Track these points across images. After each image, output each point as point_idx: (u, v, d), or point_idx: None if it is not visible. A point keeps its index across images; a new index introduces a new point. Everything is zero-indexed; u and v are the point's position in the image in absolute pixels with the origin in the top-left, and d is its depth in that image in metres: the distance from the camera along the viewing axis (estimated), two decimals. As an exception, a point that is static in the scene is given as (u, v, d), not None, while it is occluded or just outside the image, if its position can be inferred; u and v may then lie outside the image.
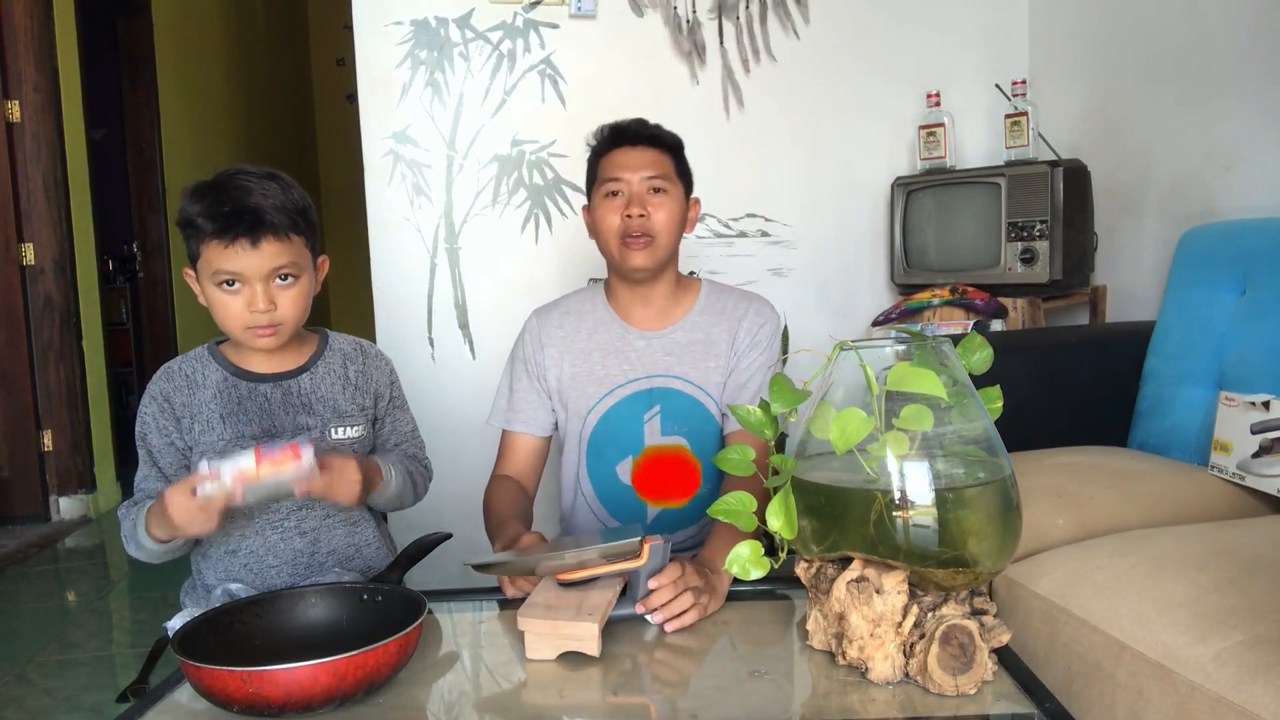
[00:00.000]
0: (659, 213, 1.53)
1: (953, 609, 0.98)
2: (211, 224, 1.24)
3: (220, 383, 1.35)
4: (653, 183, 1.54)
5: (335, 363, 1.41)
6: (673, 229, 1.56)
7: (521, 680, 1.07)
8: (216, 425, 1.33)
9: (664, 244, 1.55)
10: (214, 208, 1.24)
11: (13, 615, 2.70)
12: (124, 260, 4.80)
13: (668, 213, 1.54)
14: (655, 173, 1.54)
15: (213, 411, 1.33)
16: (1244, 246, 1.76)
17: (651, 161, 1.55)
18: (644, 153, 1.56)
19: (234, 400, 1.34)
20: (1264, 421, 1.49)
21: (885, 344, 1.03)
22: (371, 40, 2.56)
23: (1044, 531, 1.44)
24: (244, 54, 5.87)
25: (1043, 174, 2.28)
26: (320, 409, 1.38)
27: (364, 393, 1.43)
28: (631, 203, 1.53)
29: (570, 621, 1.05)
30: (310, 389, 1.38)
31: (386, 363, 1.48)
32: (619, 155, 1.56)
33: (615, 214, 1.54)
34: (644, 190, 1.54)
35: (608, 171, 1.56)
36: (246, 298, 1.27)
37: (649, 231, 1.53)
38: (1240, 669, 1.00)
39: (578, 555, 1.12)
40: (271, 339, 1.31)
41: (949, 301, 2.39)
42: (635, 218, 1.52)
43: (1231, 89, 2.06)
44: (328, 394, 1.39)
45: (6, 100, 3.47)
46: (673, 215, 1.55)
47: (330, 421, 1.38)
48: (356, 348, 1.45)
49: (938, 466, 0.96)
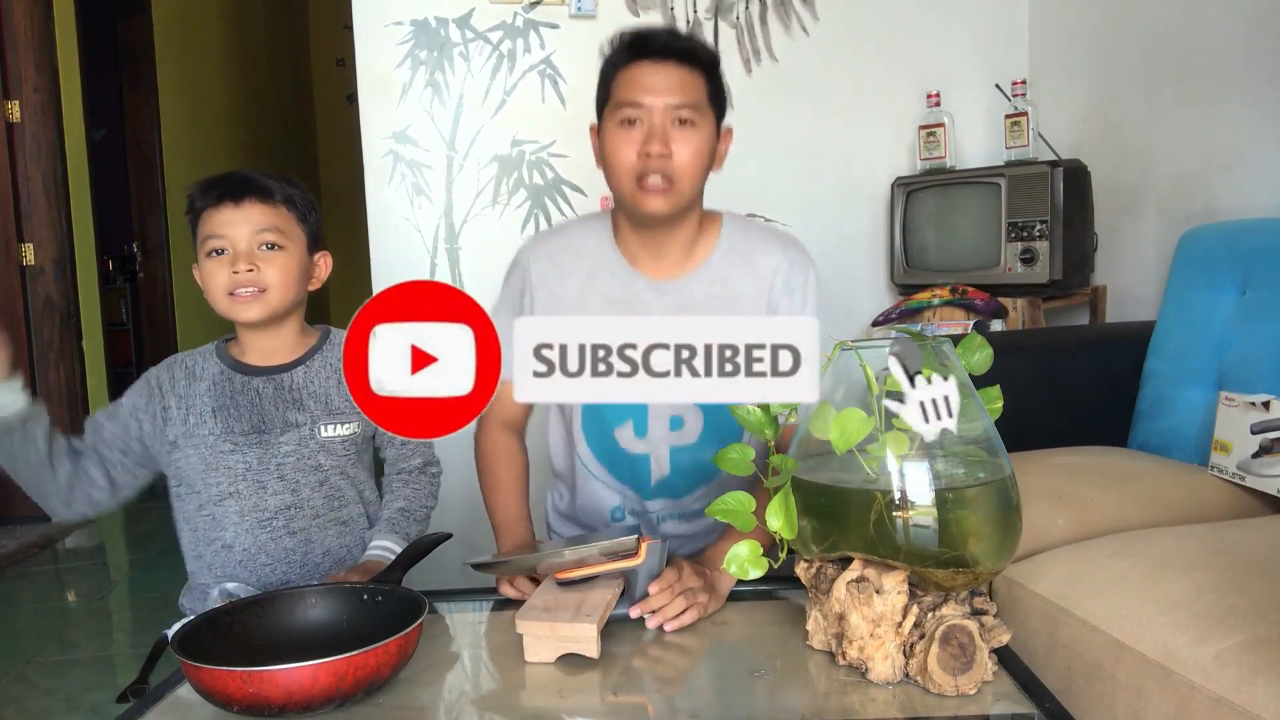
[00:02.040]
0: (685, 149, 1.27)
1: (953, 609, 0.98)
2: (205, 196, 1.29)
3: (216, 375, 1.35)
4: (680, 113, 1.27)
5: (333, 356, 1.39)
6: (699, 170, 1.30)
7: (521, 680, 1.07)
8: (209, 419, 1.33)
9: (687, 188, 1.29)
10: (210, 182, 1.30)
11: (13, 615, 2.70)
12: (124, 260, 4.80)
13: (695, 150, 1.28)
14: (684, 100, 1.27)
15: (205, 405, 1.33)
16: (1244, 247, 1.76)
17: (681, 84, 1.27)
18: (672, 72, 1.27)
19: (227, 394, 1.34)
20: (1264, 421, 1.49)
21: (885, 344, 1.03)
22: (371, 40, 2.56)
23: (1044, 531, 1.44)
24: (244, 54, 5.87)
25: (1043, 174, 2.28)
26: (311, 404, 1.35)
27: None
28: (652, 137, 1.26)
29: (569, 623, 1.05)
30: (303, 383, 1.36)
31: None
32: (641, 73, 1.28)
33: (631, 148, 1.28)
34: (668, 121, 1.27)
35: (626, 92, 1.28)
36: (229, 261, 1.28)
37: (670, 174, 1.27)
38: (1240, 669, 1.00)
39: (577, 554, 1.12)
40: (254, 308, 1.29)
41: (949, 302, 2.39)
42: (656, 157, 1.26)
43: (1231, 89, 2.06)
44: (320, 388, 1.37)
45: (6, 100, 3.47)
46: (700, 153, 1.29)
47: (320, 419, 1.35)
48: None
49: (938, 467, 0.96)
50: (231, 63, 5.68)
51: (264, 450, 1.33)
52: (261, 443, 1.33)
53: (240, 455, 1.32)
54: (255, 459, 1.32)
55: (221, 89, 5.50)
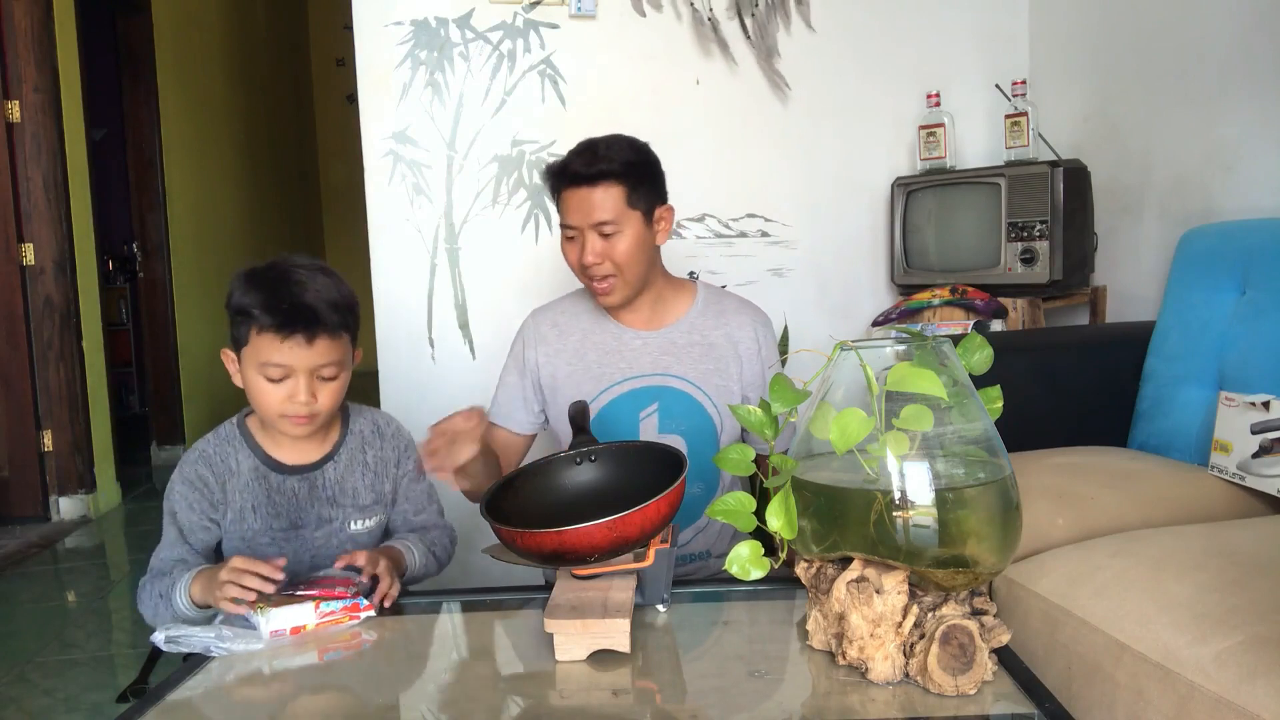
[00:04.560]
0: (615, 250, 1.51)
1: (953, 609, 0.98)
2: (270, 318, 1.26)
3: (251, 471, 1.37)
4: (602, 228, 1.51)
5: (356, 448, 1.43)
6: (635, 260, 1.53)
7: (521, 680, 1.08)
8: (248, 516, 1.36)
9: (630, 275, 1.54)
10: (272, 302, 1.26)
11: (12, 615, 2.70)
12: (124, 260, 4.80)
13: (625, 248, 1.52)
14: (603, 217, 1.50)
15: (244, 502, 1.36)
16: (1244, 247, 1.76)
17: (598, 203, 1.50)
18: (589, 193, 1.50)
19: (263, 492, 1.37)
20: (1264, 421, 1.49)
21: (885, 344, 1.03)
22: (371, 40, 2.56)
23: (1044, 531, 1.44)
24: (244, 54, 5.87)
25: (1043, 174, 2.28)
26: (343, 501, 1.41)
27: (382, 478, 1.45)
28: (586, 250, 1.52)
29: (600, 619, 1.06)
30: (335, 480, 1.41)
31: (405, 436, 1.49)
32: (568, 196, 1.53)
33: (574, 254, 1.54)
34: (595, 234, 1.51)
35: (562, 214, 1.55)
36: (289, 389, 1.29)
37: (609, 272, 1.52)
38: (1240, 669, 1.00)
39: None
40: (305, 428, 1.33)
41: (949, 302, 2.39)
42: (592, 264, 1.51)
43: (1231, 89, 2.06)
44: (350, 485, 1.42)
45: (6, 100, 3.47)
46: (631, 249, 1.52)
47: (351, 515, 1.41)
48: (374, 430, 1.46)
49: (938, 467, 0.96)
50: (231, 63, 5.67)
51: (299, 543, 1.38)
52: (298, 537, 1.38)
53: (276, 548, 1.36)
54: (291, 551, 1.37)
55: (221, 89, 5.50)
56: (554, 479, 1.31)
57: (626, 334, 1.62)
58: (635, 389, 1.59)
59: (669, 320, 1.63)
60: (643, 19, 2.63)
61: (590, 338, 1.63)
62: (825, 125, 2.75)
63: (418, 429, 1.62)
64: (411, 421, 1.54)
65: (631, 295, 1.57)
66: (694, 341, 1.61)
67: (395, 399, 2.57)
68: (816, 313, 2.74)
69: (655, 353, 1.61)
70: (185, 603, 1.26)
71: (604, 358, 1.61)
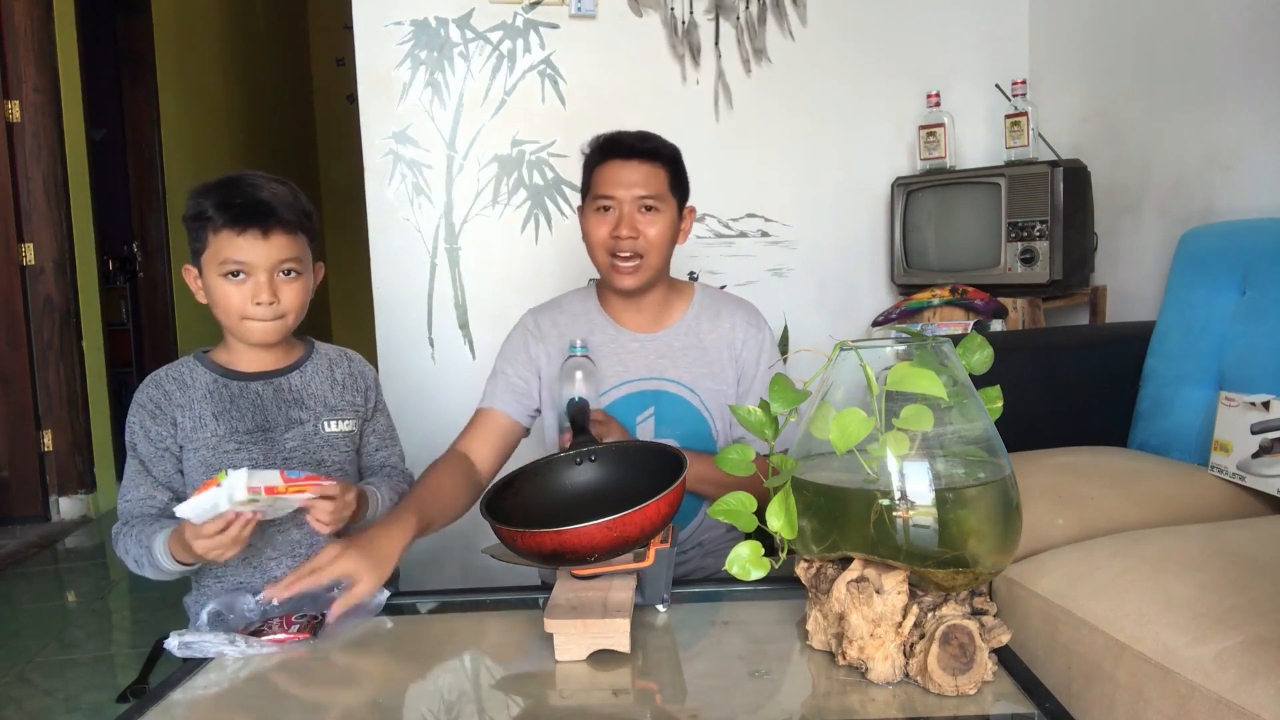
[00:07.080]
0: (650, 229, 1.52)
1: (953, 609, 0.98)
2: (224, 214, 1.28)
3: (210, 384, 1.37)
4: (645, 201, 1.52)
5: (322, 364, 1.45)
6: (663, 246, 1.54)
7: (520, 680, 1.08)
8: (209, 423, 1.34)
9: (654, 262, 1.54)
10: (227, 199, 1.29)
11: (13, 615, 2.70)
12: (124, 260, 4.79)
13: (659, 230, 1.52)
14: (648, 191, 1.52)
15: (204, 410, 1.35)
16: (1244, 247, 1.76)
17: (645, 178, 1.52)
18: (638, 168, 1.52)
19: (225, 399, 1.36)
20: (1264, 421, 1.49)
21: (885, 344, 1.03)
22: (371, 40, 2.56)
23: (1044, 531, 1.44)
24: (244, 54, 5.87)
25: (1043, 174, 2.28)
26: (312, 404, 1.41)
27: (353, 391, 1.46)
28: (622, 222, 1.51)
29: (600, 619, 1.06)
30: (300, 385, 1.41)
31: (370, 368, 1.52)
32: (612, 170, 1.53)
33: (604, 229, 1.53)
34: (635, 209, 1.51)
35: (600, 186, 1.54)
36: (251, 289, 1.30)
37: (639, 251, 1.52)
38: (1240, 669, 1.00)
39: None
40: (272, 329, 1.34)
41: (949, 302, 2.39)
42: (625, 238, 1.51)
43: (1231, 89, 2.06)
44: (318, 390, 1.42)
45: (6, 100, 3.47)
46: (664, 233, 1.53)
47: (322, 416, 1.41)
48: (341, 354, 1.49)
49: (938, 467, 0.96)
50: (231, 63, 5.67)
51: (269, 446, 1.36)
52: (267, 439, 1.36)
53: (246, 453, 1.34)
54: (261, 454, 1.35)
55: (221, 89, 5.50)
56: (554, 479, 1.31)
57: (624, 336, 1.62)
58: (631, 393, 1.59)
59: (667, 323, 1.63)
60: (642, 19, 2.63)
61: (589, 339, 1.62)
62: (825, 125, 2.75)
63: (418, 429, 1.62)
64: (411, 421, 1.55)
65: (647, 284, 1.56)
66: (689, 345, 1.61)
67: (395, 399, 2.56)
68: (816, 313, 2.74)
69: (651, 356, 1.60)
70: (169, 563, 1.24)
71: (602, 361, 1.60)
